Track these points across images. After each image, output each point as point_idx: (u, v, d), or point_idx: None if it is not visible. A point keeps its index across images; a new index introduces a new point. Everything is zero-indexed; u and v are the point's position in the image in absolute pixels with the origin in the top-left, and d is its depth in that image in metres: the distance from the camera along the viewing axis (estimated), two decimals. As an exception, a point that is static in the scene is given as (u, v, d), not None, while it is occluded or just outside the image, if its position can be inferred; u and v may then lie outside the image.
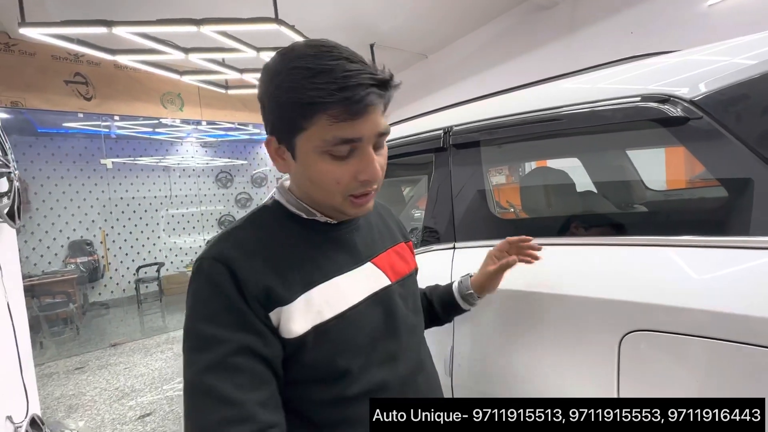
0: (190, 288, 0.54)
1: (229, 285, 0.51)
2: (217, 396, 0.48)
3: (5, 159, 1.44)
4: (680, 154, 2.27)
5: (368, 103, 0.50)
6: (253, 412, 0.48)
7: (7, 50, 3.99)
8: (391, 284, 0.68)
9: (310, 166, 0.55)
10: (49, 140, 5.77)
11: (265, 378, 0.51)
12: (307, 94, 0.49)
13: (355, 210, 0.59)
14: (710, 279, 0.66)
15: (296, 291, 0.55)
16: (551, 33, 3.99)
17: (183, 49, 3.45)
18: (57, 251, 5.80)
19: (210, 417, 0.47)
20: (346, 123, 0.51)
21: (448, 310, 0.88)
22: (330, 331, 0.56)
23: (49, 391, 3.15)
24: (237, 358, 0.49)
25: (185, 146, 7.06)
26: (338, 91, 0.49)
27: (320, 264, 0.60)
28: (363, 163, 0.54)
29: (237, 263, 0.53)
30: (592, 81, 0.99)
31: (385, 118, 0.56)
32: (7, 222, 1.41)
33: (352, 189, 0.56)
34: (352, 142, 0.53)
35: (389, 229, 0.77)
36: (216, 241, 0.57)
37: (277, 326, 0.54)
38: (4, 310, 1.43)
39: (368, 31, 4.59)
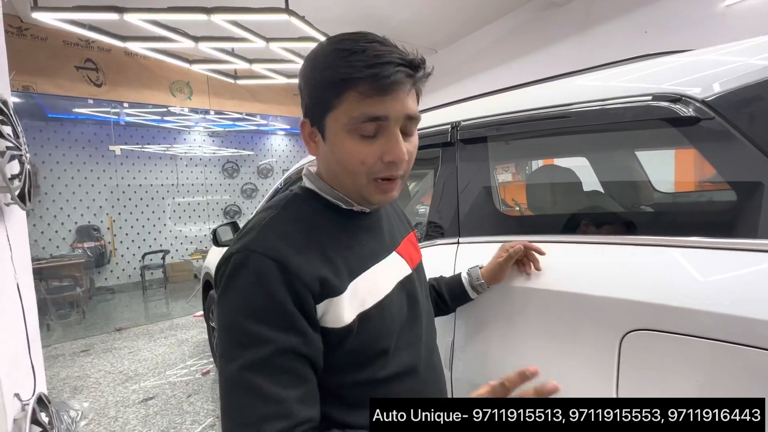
0: (231, 280, 0.52)
1: (278, 283, 0.50)
2: (258, 393, 0.48)
3: (17, 142, 1.46)
4: (690, 156, 2.24)
5: (395, 80, 0.51)
6: (292, 409, 0.48)
7: (19, 34, 4.02)
8: (412, 272, 0.71)
9: (337, 145, 0.56)
10: (59, 125, 5.82)
11: (306, 376, 0.52)
12: (339, 71, 0.52)
13: (380, 196, 0.58)
14: (716, 281, 0.66)
15: (345, 281, 0.56)
16: (564, 30, 3.94)
17: (193, 37, 3.46)
18: (65, 236, 5.88)
19: (251, 413, 0.48)
20: (373, 99, 0.52)
21: (456, 299, 0.93)
22: (371, 319, 0.58)
23: (55, 372, 3.22)
24: (281, 358, 0.50)
25: (193, 135, 7.09)
26: (367, 68, 0.51)
27: (360, 253, 0.61)
28: (389, 144, 0.54)
29: (289, 258, 0.52)
30: (603, 79, 0.98)
31: (415, 104, 0.57)
32: (18, 204, 1.44)
33: (376, 171, 0.56)
34: (378, 120, 0.53)
35: (400, 218, 0.81)
36: (259, 232, 0.55)
37: (321, 317, 0.54)
38: (13, 290, 1.46)
39: (378, 25, 4.56)
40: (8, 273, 1.43)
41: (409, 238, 0.78)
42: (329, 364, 0.56)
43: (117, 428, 2.35)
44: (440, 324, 1.02)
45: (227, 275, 0.53)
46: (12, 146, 1.42)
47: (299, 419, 0.49)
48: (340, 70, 0.52)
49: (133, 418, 2.46)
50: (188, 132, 7.02)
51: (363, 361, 0.58)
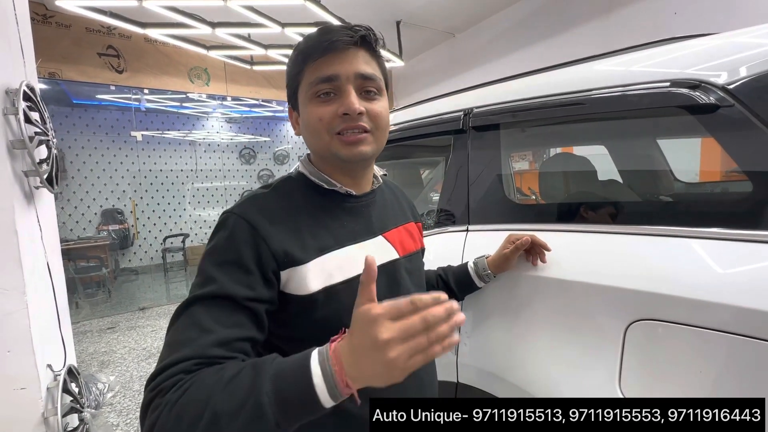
0: (213, 236, 0.60)
1: (246, 242, 0.57)
2: (194, 320, 0.52)
3: (45, 127, 1.52)
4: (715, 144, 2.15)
5: (336, 40, 0.59)
6: (209, 346, 0.50)
7: (44, 22, 4.12)
8: (399, 258, 0.72)
9: (304, 114, 0.64)
10: (83, 111, 5.99)
11: (241, 324, 0.54)
12: (296, 52, 0.64)
13: (346, 150, 0.62)
14: (731, 273, 0.65)
15: (311, 254, 0.60)
16: (587, 12, 3.77)
17: (210, 23, 3.48)
18: (91, 218, 6.11)
19: (179, 335, 0.51)
20: (321, 61, 0.61)
21: (464, 287, 0.95)
22: (339, 293, 0.61)
23: (84, 347, 3.40)
24: (224, 300, 0.54)
25: (210, 121, 7.19)
26: (313, 40, 0.62)
27: (336, 232, 0.64)
28: (342, 98, 0.61)
29: (261, 223, 0.58)
30: (622, 64, 0.95)
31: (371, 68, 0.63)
32: (47, 187, 1.50)
33: (335, 125, 0.61)
34: (330, 81, 0.61)
35: (402, 208, 0.82)
36: (244, 201, 0.62)
37: (284, 283, 0.59)
38: (44, 268, 1.54)
39: (395, 8, 4.47)
40: (39, 252, 1.51)
41: (407, 227, 0.79)
42: (297, 334, 0.60)
43: (140, 401, 2.48)
44: (447, 310, 1.03)
45: (212, 232, 0.61)
46: (40, 131, 1.48)
47: (209, 355, 0.49)
48: (300, 49, 0.63)
49: (156, 392, 2.59)
50: (206, 118, 7.11)
51: (329, 334, 0.57)
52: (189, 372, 0.47)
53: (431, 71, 5.80)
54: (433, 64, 5.78)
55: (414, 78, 6.14)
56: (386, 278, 0.68)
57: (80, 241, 5.40)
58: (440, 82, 5.50)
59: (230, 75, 5.34)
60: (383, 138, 0.66)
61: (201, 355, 0.49)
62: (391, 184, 0.86)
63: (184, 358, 0.48)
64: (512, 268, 0.91)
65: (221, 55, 4.57)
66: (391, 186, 0.84)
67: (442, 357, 1.09)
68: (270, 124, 7.79)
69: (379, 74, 0.65)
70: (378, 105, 0.64)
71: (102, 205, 6.20)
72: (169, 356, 0.49)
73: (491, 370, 0.94)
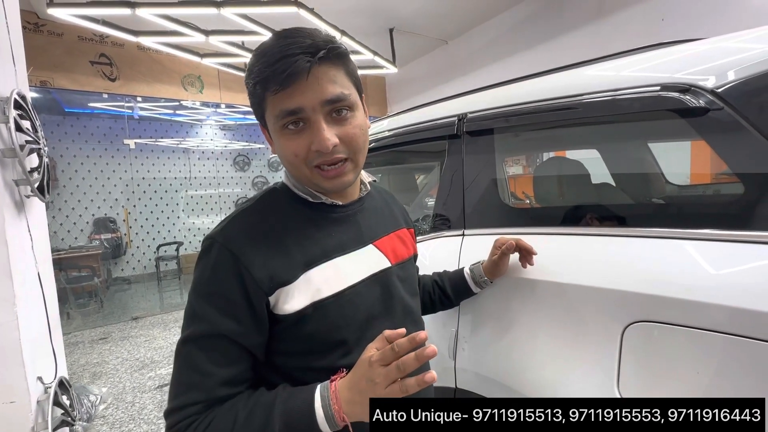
0: (198, 263, 0.59)
1: (229, 274, 0.56)
2: (192, 363, 0.55)
3: (36, 136, 1.51)
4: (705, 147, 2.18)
5: (293, 71, 0.52)
6: (213, 386, 0.54)
7: (36, 30, 4.10)
8: (391, 266, 0.71)
9: (276, 144, 0.61)
10: (75, 119, 5.94)
11: (238, 359, 0.57)
12: (252, 77, 0.56)
13: (328, 183, 0.60)
14: (725, 273, 0.65)
15: (298, 271, 0.59)
16: (578, 19, 3.84)
17: (203, 31, 3.48)
18: (83, 227, 6.03)
19: (183, 377, 0.55)
20: (282, 94, 0.54)
21: (460, 293, 0.95)
22: (328, 308, 0.60)
23: (75, 359, 3.34)
24: (216, 339, 0.56)
25: (204, 129, 7.17)
26: (270, 67, 0.53)
27: (323, 244, 0.62)
28: (312, 134, 0.57)
29: (244, 250, 0.56)
30: (613, 69, 0.96)
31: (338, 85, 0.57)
32: (38, 196, 1.49)
33: (311, 159, 0.58)
34: (295, 114, 0.56)
35: (393, 214, 0.80)
36: (227, 224, 0.60)
37: (274, 306, 0.58)
38: (34, 278, 1.52)
39: (388, 16, 4.52)
40: (29, 262, 1.49)
41: (399, 233, 0.77)
42: (288, 347, 0.60)
43: (134, 412, 2.44)
44: (444, 315, 1.03)
45: (198, 258, 0.60)
46: (31, 140, 1.47)
47: (217, 396, 0.55)
48: (254, 76, 0.56)
49: (150, 403, 2.54)
50: (200, 126, 7.09)
51: (321, 348, 0.60)
52: (201, 413, 0.54)
53: (425, 77, 5.85)
54: (426, 70, 5.83)
55: (407, 84, 6.19)
56: (379, 287, 0.67)
57: (72, 251, 5.32)
58: (434, 88, 5.55)
59: (224, 82, 5.34)
60: (362, 157, 0.63)
61: (208, 399, 0.54)
62: (382, 190, 0.84)
63: (194, 402, 0.54)
64: (504, 273, 0.91)
65: (215, 62, 4.57)
66: (381, 192, 0.82)
67: (440, 362, 1.08)
68: (264, 131, 7.77)
69: (349, 87, 0.59)
70: (351, 126, 0.59)
71: (94, 214, 6.13)
72: (179, 397, 0.55)
73: (489, 375, 0.94)
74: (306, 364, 0.60)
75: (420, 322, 0.78)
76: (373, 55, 4.31)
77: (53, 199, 5.71)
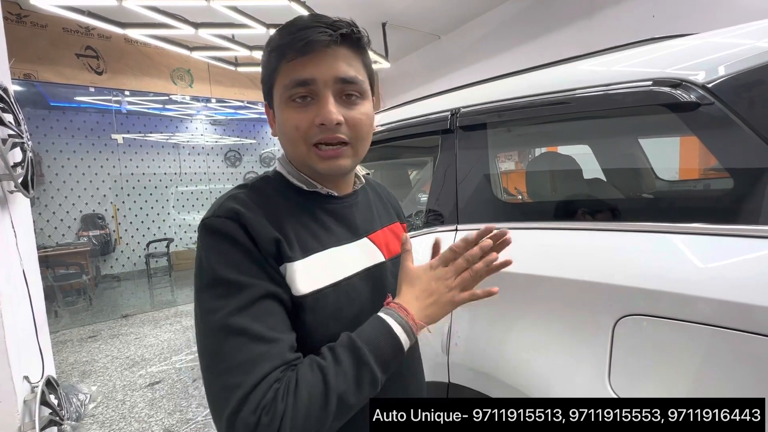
0: (202, 246, 0.54)
1: (245, 238, 0.52)
2: (248, 334, 0.49)
3: (18, 130, 1.47)
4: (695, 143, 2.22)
5: (314, 39, 0.53)
6: (283, 351, 0.50)
7: (19, 21, 3.99)
8: (385, 261, 0.69)
9: (279, 118, 0.59)
10: (61, 114, 5.82)
11: (289, 323, 0.54)
12: (271, 45, 0.58)
13: (323, 164, 0.58)
14: (714, 267, 0.66)
15: (298, 254, 0.56)
16: (570, 15, 3.85)
17: (193, 24, 3.42)
18: (70, 224, 5.93)
19: (242, 355, 0.48)
20: (297, 62, 0.55)
21: None
22: (326, 297, 0.58)
23: (64, 357, 3.29)
24: (265, 302, 0.51)
25: (195, 123, 7.07)
26: (291, 35, 0.55)
27: (318, 234, 0.61)
28: (319, 106, 0.56)
29: (248, 218, 0.53)
30: (605, 64, 0.96)
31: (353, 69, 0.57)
32: (22, 191, 1.45)
33: (312, 135, 0.56)
34: (306, 85, 0.55)
35: (386, 208, 0.79)
36: (222, 202, 0.56)
37: (285, 279, 0.55)
38: (19, 276, 1.49)
39: (380, 10, 4.48)
40: (14, 260, 1.46)
41: (392, 228, 0.76)
42: None
43: (125, 411, 2.41)
44: (437, 310, 1.02)
45: (198, 244, 0.55)
46: (14, 134, 1.43)
47: (290, 360, 0.50)
48: (273, 43, 0.57)
49: (141, 401, 2.52)
50: (190, 120, 6.99)
51: (315, 340, 0.56)
52: (280, 381, 0.48)
53: (417, 72, 5.83)
54: (419, 65, 5.81)
55: (400, 79, 6.17)
56: (371, 282, 0.65)
57: (59, 248, 5.22)
58: (426, 83, 5.53)
59: (214, 76, 5.26)
60: (364, 147, 0.61)
61: (283, 363, 0.49)
62: (376, 184, 0.82)
63: (270, 370, 0.48)
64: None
65: (205, 56, 4.50)
66: (375, 186, 0.81)
67: (433, 357, 1.08)
68: (255, 126, 7.70)
69: (363, 75, 0.59)
70: (359, 112, 0.58)
71: (82, 210, 6.02)
72: (247, 377, 0.47)
73: (483, 370, 0.94)
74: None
75: None
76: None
77: (39, 195, 5.59)
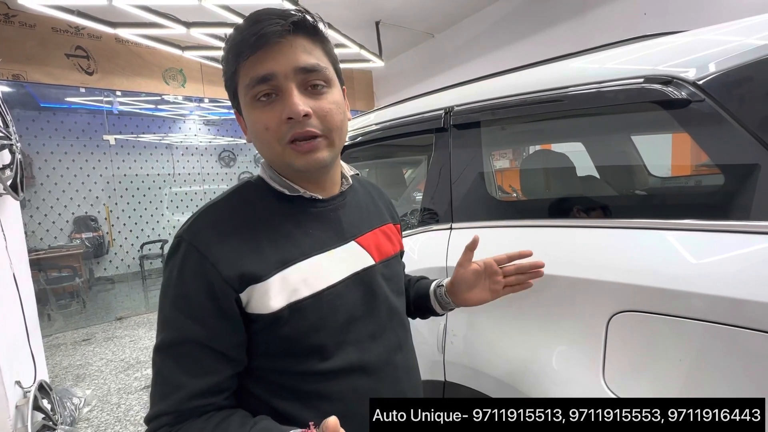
0: (166, 264, 0.56)
1: (196, 274, 0.53)
2: (162, 374, 0.53)
3: (6, 131, 1.45)
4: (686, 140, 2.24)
5: (265, 32, 0.51)
6: (184, 400, 0.52)
7: (6, 21, 3.92)
8: (375, 264, 0.67)
9: (248, 120, 0.58)
10: (51, 115, 5.74)
11: (211, 368, 0.54)
12: (228, 47, 0.56)
13: (301, 160, 0.56)
14: (706, 263, 0.66)
15: (272, 269, 0.55)
16: (562, 13, 3.87)
17: (185, 23, 3.38)
18: (62, 226, 5.85)
19: (155, 388, 0.54)
20: (254, 58, 0.53)
21: (421, 309, 0.83)
22: (305, 309, 0.56)
23: (57, 361, 3.25)
24: (186, 346, 0.53)
25: (188, 124, 7.01)
26: (240, 33, 0.53)
27: (300, 242, 0.59)
28: (283, 101, 0.54)
29: (210, 246, 0.53)
30: (598, 61, 0.97)
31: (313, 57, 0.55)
32: (11, 194, 1.43)
33: (283, 133, 0.55)
34: (267, 81, 0.53)
35: (378, 209, 0.75)
36: (195, 219, 0.57)
37: (246, 304, 0.54)
38: (10, 279, 1.46)
39: (374, 8, 4.47)
40: (3, 263, 1.44)
41: (384, 229, 0.72)
42: (263, 349, 0.57)
43: (120, 414, 2.39)
44: (433, 308, 1.02)
45: (165, 259, 0.58)
46: (2, 136, 1.40)
47: (188, 408, 0.52)
48: (229, 45, 0.55)
49: (136, 404, 2.50)
50: (183, 121, 6.93)
51: (297, 351, 0.57)
52: (172, 425, 0.52)
53: (411, 71, 5.82)
54: (413, 64, 5.80)
55: (394, 78, 6.16)
56: (362, 287, 0.63)
57: (51, 251, 5.15)
58: (420, 82, 5.53)
59: (207, 76, 5.22)
60: (340, 137, 0.59)
61: (178, 410, 0.52)
62: (367, 184, 0.79)
63: (164, 413, 0.52)
64: (474, 300, 0.75)
65: (197, 55, 4.46)
66: (366, 185, 0.77)
67: (429, 356, 1.08)
68: (250, 125, 7.64)
69: (325, 62, 0.57)
70: (326, 101, 0.56)
71: (74, 213, 5.94)
72: (153, 406, 0.53)
73: (478, 368, 0.94)
74: (283, 367, 0.57)
75: (406, 323, 0.73)
76: (360, 49, 4.26)
77: (30, 197, 5.51)
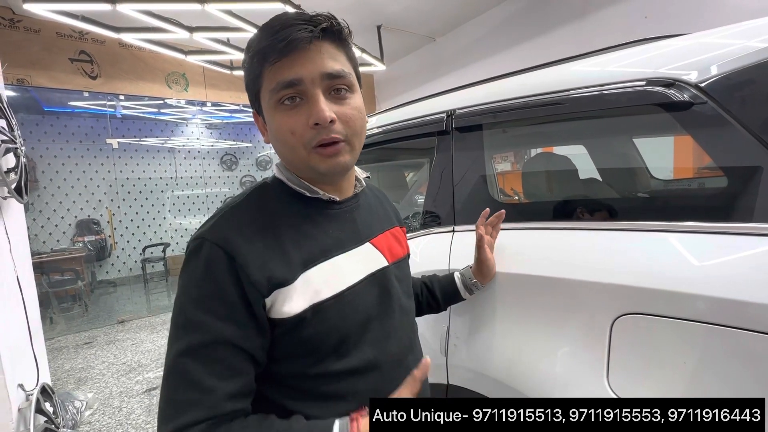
0: (185, 266, 0.54)
1: (224, 273, 0.51)
2: (189, 378, 0.50)
3: (11, 135, 1.46)
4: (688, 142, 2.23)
5: (294, 38, 0.52)
6: (218, 403, 0.49)
7: (12, 26, 3.96)
8: (389, 265, 0.68)
9: (271, 124, 0.58)
10: (55, 119, 5.78)
11: (242, 369, 0.52)
12: (251, 50, 0.56)
13: (325, 164, 0.56)
14: (709, 265, 0.66)
15: (297, 270, 0.55)
16: (563, 16, 3.88)
17: (187, 28, 3.41)
18: (65, 229, 5.88)
19: (179, 396, 0.50)
20: (281, 64, 0.53)
21: (449, 297, 0.93)
22: (327, 310, 0.57)
23: (59, 364, 3.25)
24: (217, 348, 0.51)
25: (190, 128, 7.05)
26: (269, 37, 0.53)
27: (321, 242, 0.59)
28: (309, 106, 0.54)
29: (238, 248, 0.52)
30: (599, 64, 0.97)
31: (339, 63, 0.56)
32: (15, 197, 1.44)
33: (309, 138, 0.55)
34: (294, 86, 0.54)
35: (386, 212, 0.78)
36: (216, 221, 0.56)
37: (270, 308, 0.54)
38: (13, 283, 1.47)
39: (375, 12, 4.49)
40: (8, 266, 1.44)
41: (393, 232, 0.75)
42: (282, 351, 0.56)
43: (122, 417, 2.38)
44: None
45: (184, 261, 0.55)
46: (7, 139, 1.42)
47: (222, 412, 0.49)
48: (253, 48, 0.55)
49: (138, 407, 2.50)
50: (185, 124, 6.97)
51: (318, 351, 0.57)
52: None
53: (413, 75, 5.84)
54: (414, 67, 5.83)
55: (396, 81, 6.18)
56: (377, 287, 0.64)
57: (54, 254, 5.18)
58: (422, 85, 5.54)
59: (209, 80, 5.24)
60: (359, 142, 0.60)
61: (213, 416, 0.49)
62: (374, 188, 0.81)
63: (196, 421, 0.48)
64: (492, 270, 0.90)
65: (200, 60, 4.48)
66: (373, 189, 0.80)
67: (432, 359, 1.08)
68: (252, 129, 7.68)
69: (349, 68, 0.58)
70: (350, 107, 0.57)
71: (77, 216, 5.97)
72: (177, 418, 0.48)
73: (481, 371, 0.94)
74: (301, 370, 0.57)
75: (415, 325, 0.76)
76: (361, 52, 4.28)
77: (33, 200, 5.55)
